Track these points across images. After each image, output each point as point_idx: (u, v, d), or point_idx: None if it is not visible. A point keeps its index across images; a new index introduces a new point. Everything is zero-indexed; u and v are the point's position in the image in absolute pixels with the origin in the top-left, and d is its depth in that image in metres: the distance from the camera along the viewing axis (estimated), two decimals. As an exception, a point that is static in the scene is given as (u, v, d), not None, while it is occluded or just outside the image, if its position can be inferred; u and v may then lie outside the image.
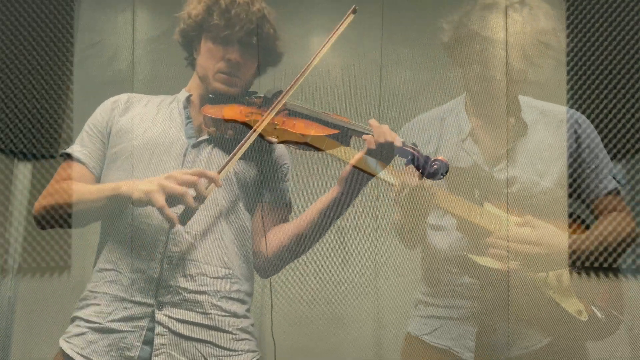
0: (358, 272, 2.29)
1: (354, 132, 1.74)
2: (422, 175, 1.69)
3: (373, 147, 1.68)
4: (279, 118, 1.77)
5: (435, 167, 1.66)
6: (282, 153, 1.88)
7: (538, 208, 1.92)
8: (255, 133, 1.71)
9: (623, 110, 1.93)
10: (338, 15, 1.84)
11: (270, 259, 1.81)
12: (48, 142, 1.87)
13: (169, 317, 1.65)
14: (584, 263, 1.89)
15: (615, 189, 1.92)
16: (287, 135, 1.78)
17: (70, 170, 1.77)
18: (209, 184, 1.63)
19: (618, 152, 1.92)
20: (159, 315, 1.65)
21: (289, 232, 1.81)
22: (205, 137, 1.79)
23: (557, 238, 1.90)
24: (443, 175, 1.67)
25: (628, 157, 1.92)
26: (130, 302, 1.65)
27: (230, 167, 1.70)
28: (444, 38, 2.01)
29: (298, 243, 1.81)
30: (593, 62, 1.95)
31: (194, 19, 1.82)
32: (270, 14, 1.84)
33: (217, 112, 1.78)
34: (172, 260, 1.67)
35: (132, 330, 1.64)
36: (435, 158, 1.67)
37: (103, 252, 1.72)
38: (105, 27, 2.25)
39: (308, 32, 2.30)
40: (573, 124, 1.95)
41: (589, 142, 1.93)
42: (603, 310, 1.92)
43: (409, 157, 1.68)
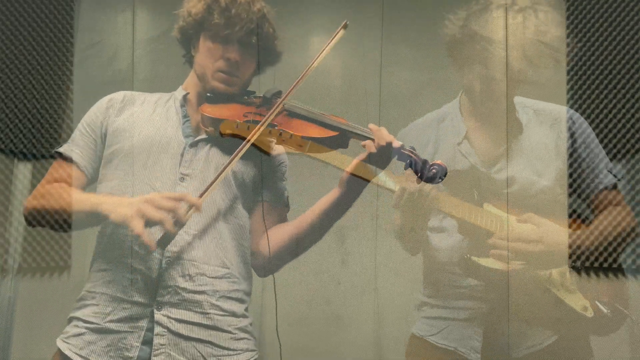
0: (358, 272, 2.29)
1: (353, 134, 1.74)
2: (420, 179, 1.69)
3: (374, 150, 1.68)
4: (278, 119, 1.76)
5: (434, 171, 1.67)
6: (280, 152, 1.88)
7: (538, 207, 1.92)
8: (243, 150, 1.70)
9: (623, 110, 1.92)
10: (338, 16, 1.84)
11: (270, 259, 1.81)
12: (48, 142, 1.87)
13: (168, 317, 1.65)
14: (585, 262, 1.89)
15: (613, 184, 1.92)
16: (286, 146, 1.78)
17: (62, 170, 1.77)
18: (190, 209, 1.61)
19: (618, 152, 1.92)
20: (158, 316, 1.64)
21: (289, 232, 1.81)
22: (203, 136, 1.78)
23: (558, 235, 1.90)
24: (441, 179, 1.68)
25: (628, 157, 1.92)
26: (129, 302, 1.65)
27: (214, 189, 1.68)
28: (446, 37, 2.01)
29: (298, 243, 1.81)
30: (593, 62, 1.95)
31: (194, 17, 1.81)
32: (270, 13, 1.84)
33: (215, 111, 1.78)
34: (170, 260, 1.66)
35: (130, 331, 1.64)
36: (434, 162, 1.68)
37: (100, 252, 1.72)
38: (105, 27, 2.26)
39: (308, 32, 2.30)
40: (567, 122, 1.95)
41: (585, 138, 1.93)
42: (608, 306, 1.91)
43: (407, 160, 1.69)
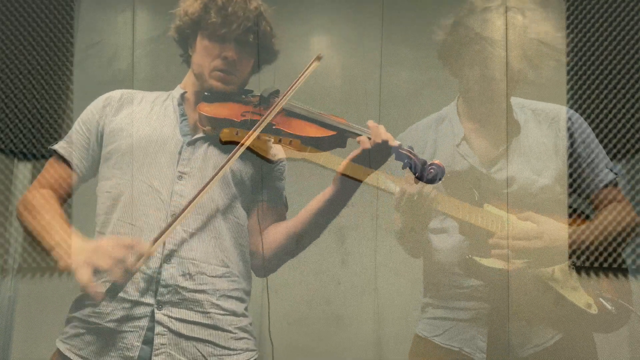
0: (358, 272, 2.29)
1: (351, 133, 1.74)
2: (418, 180, 1.69)
3: (368, 146, 1.67)
4: (276, 118, 1.76)
5: (432, 171, 1.67)
6: (278, 151, 1.88)
7: (538, 206, 1.93)
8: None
9: (623, 110, 1.93)
10: (338, 15, 1.84)
11: (268, 259, 1.81)
12: (48, 142, 1.87)
13: (169, 316, 1.65)
14: (586, 260, 1.89)
15: (613, 181, 1.92)
16: (287, 151, 1.79)
17: (53, 171, 1.77)
18: (140, 257, 1.58)
19: (618, 152, 1.92)
20: (159, 315, 1.64)
21: (286, 231, 1.80)
22: (201, 134, 1.78)
23: (558, 231, 1.90)
24: (440, 180, 1.68)
25: (628, 157, 1.92)
26: (129, 302, 1.64)
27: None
28: (438, 45, 2.02)
29: (295, 242, 1.80)
30: (593, 62, 1.95)
31: (190, 16, 1.80)
32: (267, 12, 1.83)
33: (213, 110, 1.77)
34: (170, 260, 1.66)
35: (131, 330, 1.64)
36: (432, 162, 1.68)
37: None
38: (105, 27, 2.25)
39: (309, 31, 2.30)
40: (568, 123, 1.95)
41: (584, 137, 1.94)
42: (612, 302, 1.92)
43: (406, 160, 1.69)
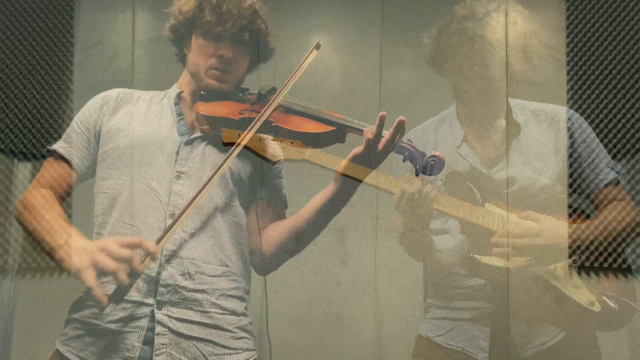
0: (358, 272, 2.29)
1: (350, 128, 1.74)
2: (418, 172, 1.69)
3: (371, 137, 1.65)
4: (274, 115, 1.77)
5: (432, 162, 1.68)
6: (278, 152, 1.88)
7: (539, 205, 1.93)
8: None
9: (623, 110, 1.92)
10: (338, 15, 1.84)
11: (268, 257, 1.80)
12: (48, 142, 1.86)
13: (169, 316, 1.65)
14: (587, 259, 1.89)
15: (614, 180, 1.92)
16: (286, 154, 1.79)
17: (52, 170, 1.76)
18: (145, 257, 1.57)
19: (618, 152, 1.92)
20: (159, 315, 1.64)
21: (286, 229, 1.80)
22: (199, 134, 1.78)
23: (559, 228, 1.90)
24: (440, 171, 1.68)
25: (628, 157, 1.92)
26: (129, 302, 1.64)
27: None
28: (427, 54, 2.03)
29: (296, 240, 1.80)
30: (593, 62, 1.95)
31: (185, 15, 1.80)
32: (262, 10, 1.83)
33: (210, 109, 1.77)
34: (170, 260, 1.66)
35: (131, 331, 1.63)
36: (432, 154, 1.68)
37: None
38: (105, 27, 2.25)
39: (309, 30, 2.30)
40: (568, 124, 1.95)
41: (584, 137, 1.94)
42: (615, 300, 1.92)
43: (406, 153, 1.69)
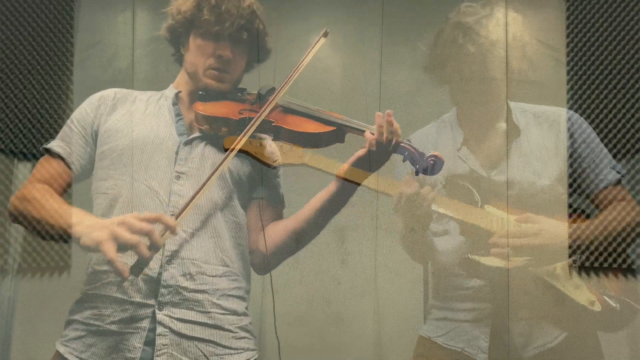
0: (358, 272, 2.29)
1: (350, 128, 1.75)
2: (418, 172, 1.71)
3: (377, 141, 1.67)
4: (273, 115, 1.77)
5: (432, 162, 1.70)
6: (273, 149, 1.88)
7: (539, 206, 1.93)
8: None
9: (623, 110, 1.93)
10: (338, 15, 1.84)
11: (268, 256, 1.81)
12: (48, 142, 1.86)
13: (170, 317, 1.65)
14: (586, 260, 1.89)
15: (616, 180, 1.92)
16: (284, 159, 1.80)
17: (49, 167, 1.75)
18: (165, 231, 1.57)
19: (618, 152, 1.92)
20: (160, 316, 1.64)
21: (286, 229, 1.81)
22: (197, 134, 1.78)
23: (557, 228, 1.90)
24: (439, 170, 1.70)
25: (628, 157, 1.92)
26: (130, 303, 1.64)
27: (195, 202, 1.66)
28: (424, 61, 2.04)
29: (296, 240, 1.81)
30: (593, 62, 1.95)
31: (183, 15, 1.80)
32: (260, 10, 1.83)
33: (209, 109, 1.77)
34: (171, 260, 1.66)
35: (132, 332, 1.63)
36: (431, 154, 1.70)
37: (97, 253, 1.68)
38: (105, 27, 2.25)
39: (308, 31, 2.30)
40: (569, 126, 1.95)
41: (585, 137, 1.94)
42: (616, 299, 1.91)
43: (406, 153, 1.71)
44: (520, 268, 1.91)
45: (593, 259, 1.89)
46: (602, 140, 1.94)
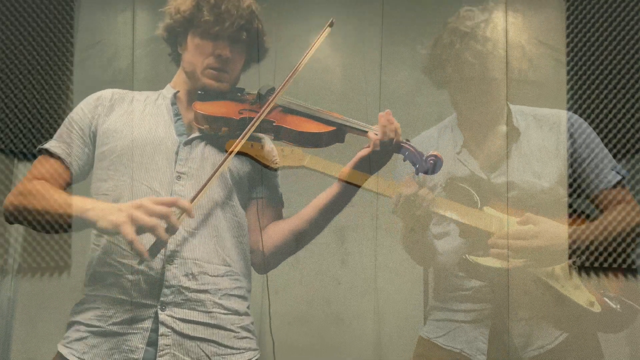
0: (358, 272, 2.29)
1: (350, 128, 1.76)
2: (418, 171, 1.73)
3: (381, 142, 1.68)
4: (273, 114, 1.77)
5: (431, 162, 1.72)
6: (271, 148, 1.88)
7: (540, 208, 1.93)
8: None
9: (623, 110, 1.93)
10: (338, 15, 1.84)
11: (269, 256, 1.81)
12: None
13: (172, 317, 1.65)
14: (586, 260, 1.89)
15: (618, 182, 1.92)
16: (284, 161, 1.81)
17: (48, 166, 1.74)
18: (181, 214, 1.60)
19: (618, 152, 1.92)
20: (163, 316, 1.64)
21: (288, 228, 1.81)
22: (197, 134, 1.78)
23: (557, 230, 1.90)
24: (439, 170, 1.72)
25: (628, 157, 1.92)
26: (132, 304, 1.64)
27: (206, 190, 1.67)
28: (423, 65, 2.05)
29: (296, 240, 1.81)
30: (593, 62, 1.95)
31: (183, 15, 1.80)
32: (258, 9, 1.83)
33: (209, 109, 1.77)
34: (173, 260, 1.66)
35: (134, 332, 1.64)
36: (430, 153, 1.72)
37: (98, 254, 1.70)
38: (105, 27, 2.25)
39: (308, 31, 2.30)
40: (569, 127, 1.95)
41: (585, 139, 1.94)
42: (617, 300, 1.91)
43: (406, 153, 1.72)
44: (519, 269, 1.91)
45: (593, 259, 1.89)
46: (602, 140, 1.94)
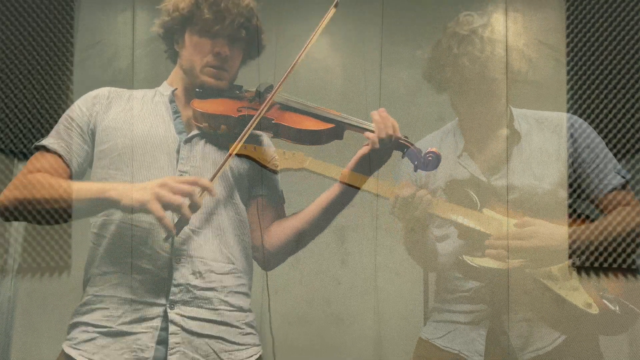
0: (358, 272, 2.30)
1: (348, 125, 1.77)
2: (417, 168, 1.75)
3: (380, 139, 1.70)
4: (272, 112, 1.77)
5: (430, 158, 1.75)
6: (269, 144, 1.89)
7: (540, 210, 1.93)
8: (245, 135, 1.71)
9: (623, 110, 1.92)
10: (338, 15, 1.84)
11: (272, 253, 1.82)
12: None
13: (181, 315, 1.65)
14: (586, 260, 1.89)
15: (621, 185, 1.91)
16: (285, 164, 1.82)
17: (44, 161, 1.72)
18: (202, 192, 1.62)
19: (618, 152, 1.92)
20: (172, 314, 1.65)
21: (291, 227, 1.82)
22: (196, 132, 1.78)
23: (554, 230, 1.90)
24: (437, 166, 1.76)
25: (628, 157, 1.92)
26: (141, 303, 1.65)
27: (221, 172, 1.69)
28: (423, 69, 2.05)
29: (299, 238, 1.82)
30: (593, 62, 1.95)
31: (181, 12, 1.79)
32: (256, 7, 1.83)
33: (208, 107, 1.77)
34: (180, 259, 1.67)
35: (145, 332, 1.64)
36: (429, 150, 1.75)
37: (100, 254, 1.70)
38: (105, 27, 2.25)
39: (308, 30, 2.30)
40: (569, 128, 1.95)
41: (588, 142, 1.94)
42: (616, 302, 1.91)
43: (405, 149, 1.74)
44: (516, 269, 1.91)
45: (593, 259, 1.89)
46: (602, 141, 1.93)
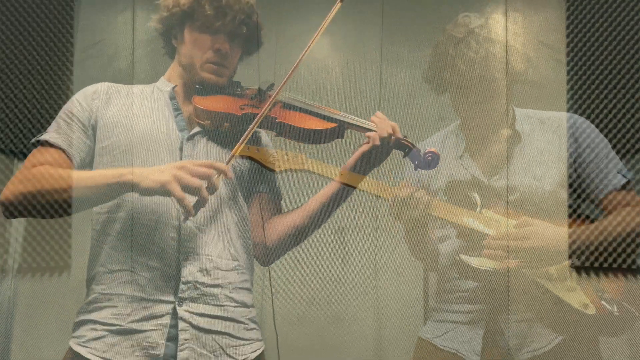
0: (358, 271, 2.30)
1: (349, 125, 1.78)
2: (417, 167, 1.79)
3: (380, 138, 1.72)
4: (275, 111, 1.77)
5: (429, 157, 1.79)
6: (267, 142, 1.89)
7: (542, 212, 1.93)
8: (249, 134, 1.72)
9: (623, 110, 1.92)
10: (338, 15, 1.84)
11: (271, 249, 1.84)
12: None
13: (190, 312, 1.66)
14: (585, 260, 1.89)
15: (623, 185, 1.91)
16: (287, 165, 1.82)
17: (47, 155, 1.70)
18: (219, 174, 1.64)
19: (618, 152, 1.92)
20: (181, 311, 1.66)
21: (290, 222, 1.84)
22: (198, 129, 1.78)
23: (552, 231, 1.90)
24: (436, 165, 1.80)
25: (628, 157, 1.92)
26: (150, 300, 1.65)
27: (234, 158, 1.70)
28: (423, 72, 2.06)
29: (298, 233, 1.84)
30: (593, 62, 1.95)
31: (181, 8, 1.79)
32: (255, 3, 1.83)
33: (209, 104, 1.77)
34: (187, 257, 1.68)
35: (154, 329, 1.65)
36: (428, 150, 1.79)
37: (106, 252, 1.70)
38: (105, 27, 2.25)
39: (308, 30, 2.30)
40: (570, 128, 1.95)
41: (589, 142, 1.93)
42: (614, 303, 1.91)
43: (406, 149, 1.77)
44: (514, 270, 1.91)
45: (593, 259, 1.89)
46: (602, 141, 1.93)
